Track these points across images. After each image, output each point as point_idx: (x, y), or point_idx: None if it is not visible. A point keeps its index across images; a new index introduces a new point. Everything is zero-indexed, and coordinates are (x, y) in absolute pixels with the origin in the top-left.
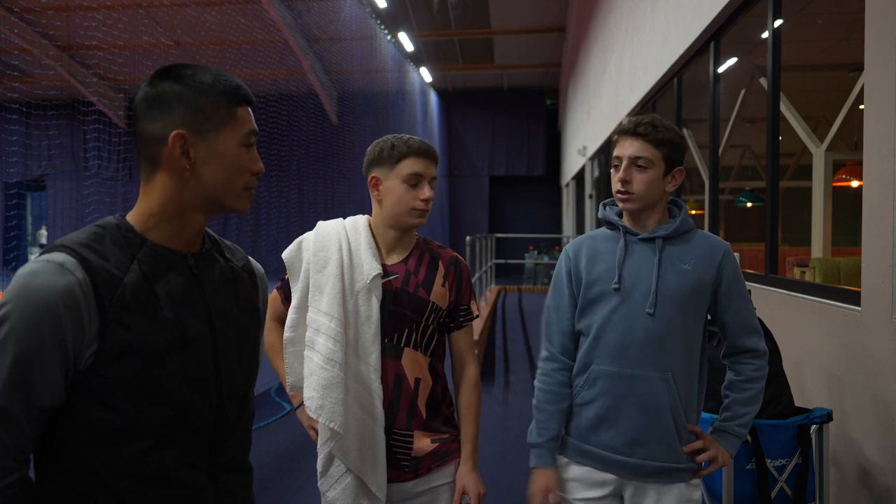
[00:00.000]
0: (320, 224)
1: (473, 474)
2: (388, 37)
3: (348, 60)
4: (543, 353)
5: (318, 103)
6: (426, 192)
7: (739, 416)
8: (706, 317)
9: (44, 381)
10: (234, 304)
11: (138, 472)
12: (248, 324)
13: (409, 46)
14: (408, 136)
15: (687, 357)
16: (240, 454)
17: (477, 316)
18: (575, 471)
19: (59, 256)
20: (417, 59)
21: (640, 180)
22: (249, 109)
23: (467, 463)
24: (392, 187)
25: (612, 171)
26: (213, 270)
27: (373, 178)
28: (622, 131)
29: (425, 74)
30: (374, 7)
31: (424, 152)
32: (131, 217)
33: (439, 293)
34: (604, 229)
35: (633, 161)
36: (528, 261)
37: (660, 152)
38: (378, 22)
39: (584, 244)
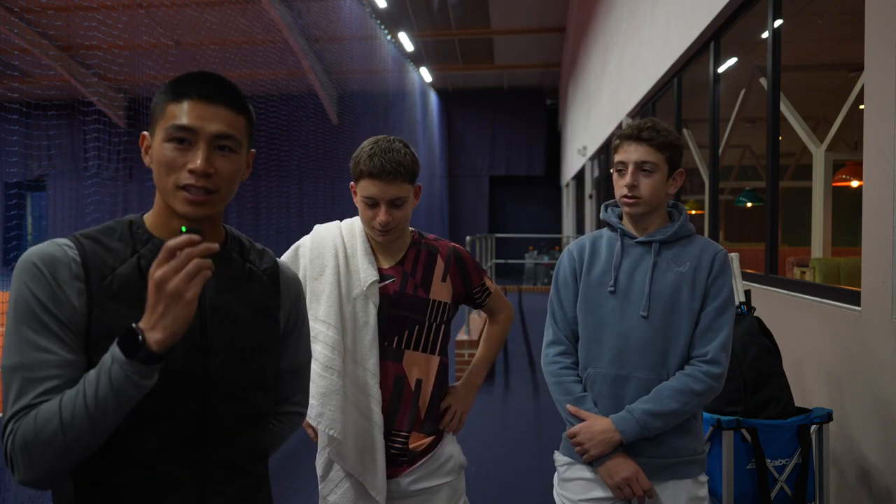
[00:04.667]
0: (317, 228)
1: (460, 392)
2: (388, 37)
3: (348, 60)
4: (549, 337)
5: (318, 103)
6: (381, 216)
7: (662, 412)
8: None
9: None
10: (236, 303)
11: (118, 453)
12: (254, 324)
13: (409, 46)
14: (383, 146)
15: (682, 359)
16: (237, 456)
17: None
18: (577, 471)
19: (60, 240)
20: (417, 59)
21: (646, 185)
22: (191, 104)
23: (462, 382)
24: (357, 202)
25: (615, 175)
26: (220, 268)
27: (351, 186)
28: (626, 136)
29: (425, 74)
30: (374, 7)
31: (380, 174)
32: (147, 214)
33: (440, 289)
34: (605, 230)
35: (639, 166)
36: (528, 261)
37: (663, 156)
38: (378, 22)
39: (585, 244)
